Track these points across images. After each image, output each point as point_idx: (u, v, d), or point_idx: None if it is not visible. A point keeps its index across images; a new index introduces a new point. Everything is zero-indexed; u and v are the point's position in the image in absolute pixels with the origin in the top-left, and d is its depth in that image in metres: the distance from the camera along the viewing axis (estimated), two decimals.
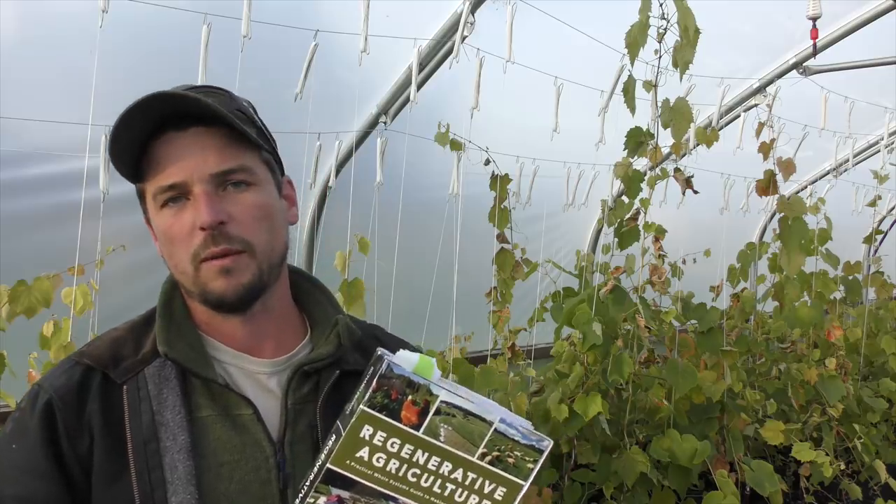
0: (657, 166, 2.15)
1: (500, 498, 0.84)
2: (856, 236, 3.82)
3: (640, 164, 2.17)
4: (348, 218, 2.38)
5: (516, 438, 0.83)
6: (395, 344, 1.09)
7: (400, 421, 0.80)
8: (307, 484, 0.81)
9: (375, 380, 0.79)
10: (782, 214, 2.45)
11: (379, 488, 0.81)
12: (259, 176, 0.91)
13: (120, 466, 0.84)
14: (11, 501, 0.82)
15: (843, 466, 2.54)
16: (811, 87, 3.92)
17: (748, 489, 2.31)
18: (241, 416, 0.89)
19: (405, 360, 0.81)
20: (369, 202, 2.64)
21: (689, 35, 1.86)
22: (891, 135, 4.09)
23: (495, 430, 0.82)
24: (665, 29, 1.96)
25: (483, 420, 0.82)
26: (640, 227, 2.17)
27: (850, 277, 3.25)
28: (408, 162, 2.76)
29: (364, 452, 0.80)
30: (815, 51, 3.47)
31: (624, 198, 2.19)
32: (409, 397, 0.80)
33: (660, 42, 1.97)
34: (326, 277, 1.57)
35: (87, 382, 0.88)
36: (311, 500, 0.80)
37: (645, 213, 2.18)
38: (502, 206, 2.45)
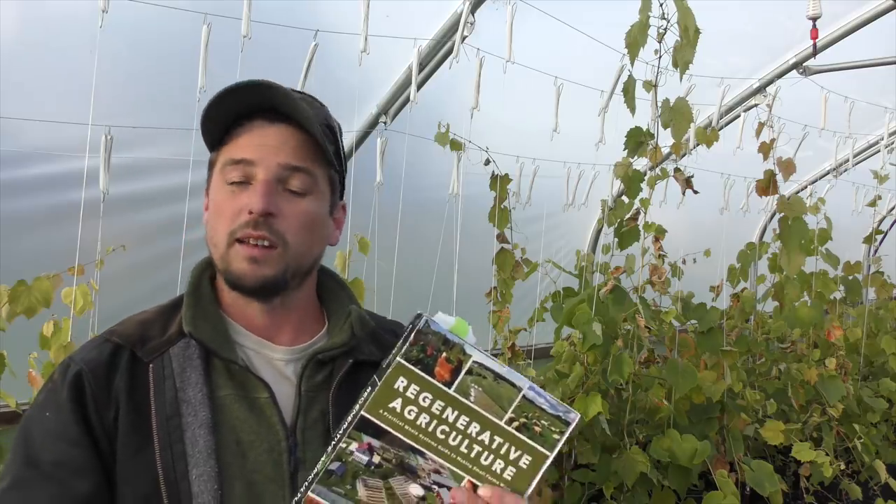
0: (657, 166, 2.15)
1: (524, 466, 0.86)
2: (856, 236, 3.82)
3: (640, 164, 2.17)
4: (348, 218, 2.37)
5: (544, 407, 0.86)
6: None
7: (433, 377, 0.83)
8: (341, 430, 0.84)
9: (413, 334, 0.83)
10: (782, 214, 2.45)
11: (408, 441, 0.84)
12: (319, 188, 0.97)
13: (144, 439, 0.88)
14: (50, 467, 0.86)
15: (843, 466, 2.54)
16: (811, 87, 3.92)
17: (748, 489, 2.31)
18: (258, 399, 0.92)
19: (442, 320, 0.85)
20: (369, 202, 2.64)
21: (689, 35, 1.86)
22: (891, 135, 4.09)
23: (524, 396, 0.85)
24: (665, 29, 1.96)
25: (513, 385, 0.85)
26: (640, 227, 2.17)
27: (850, 277, 3.25)
28: (408, 162, 2.76)
29: (397, 403, 0.83)
30: (815, 51, 3.47)
31: (624, 198, 2.19)
32: (444, 354, 0.83)
33: (660, 42, 1.97)
34: None
35: (115, 359, 0.92)
36: (344, 445, 0.83)
37: (645, 213, 2.18)
38: (502, 206, 2.45)
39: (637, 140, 2.10)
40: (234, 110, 0.93)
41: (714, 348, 2.36)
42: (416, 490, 0.85)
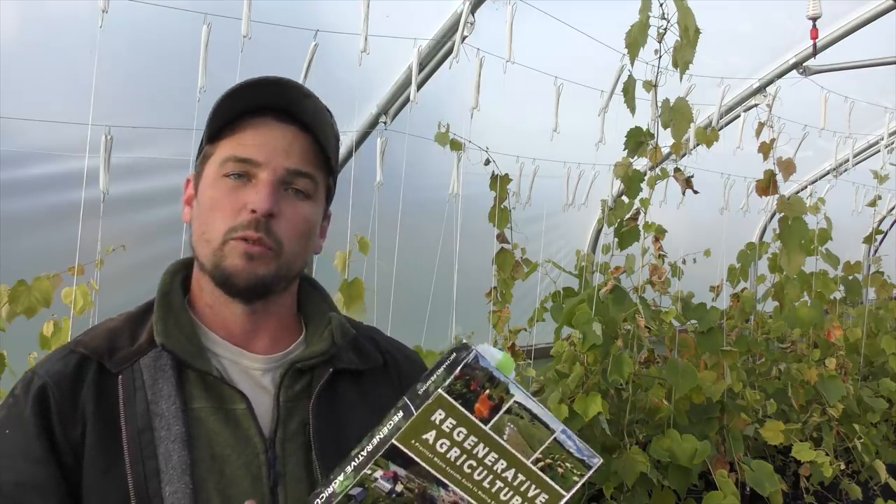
0: (657, 166, 2.15)
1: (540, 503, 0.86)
2: (856, 236, 3.82)
3: (640, 164, 2.17)
4: (348, 218, 2.37)
5: (571, 450, 0.85)
6: (394, 347, 1.10)
7: (472, 412, 0.82)
8: (364, 453, 0.82)
9: (460, 367, 0.80)
10: (782, 214, 2.45)
11: (434, 473, 0.82)
12: (319, 194, 0.96)
13: (114, 455, 0.84)
14: (11, 487, 0.81)
15: (843, 466, 2.54)
16: (811, 87, 3.92)
17: (748, 489, 2.31)
18: (234, 410, 0.89)
19: (490, 355, 0.83)
20: (369, 202, 2.64)
21: (689, 35, 1.86)
22: (891, 135, 4.09)
23: (555, 438, 0.84)
24: (665, 29, 1.96)
25: (547, 427, 0.84)
26: (640, 227, 2.17)
27: (850, 277, 3.25)
28: (408, 162, 2.76)
29: (430, 435, 0.81)
30: (815, 51, 3.47)
31: (624, 198, 2.19)
32: (487, 391, 0.81)
33: (660, 42, 1.97)
34: (326, 277, 1.58)
35: (82, 371, 0.87)
36: (369, 472, 0.81)
37: (645, 213, 2.18)
38: (502, 206, 2.45)
39: (637, 140, 2.10)
40: (248, 105, 0.91)
41: (714, 348, 2.36)
42: None
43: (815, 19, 3.16)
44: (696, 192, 2.26)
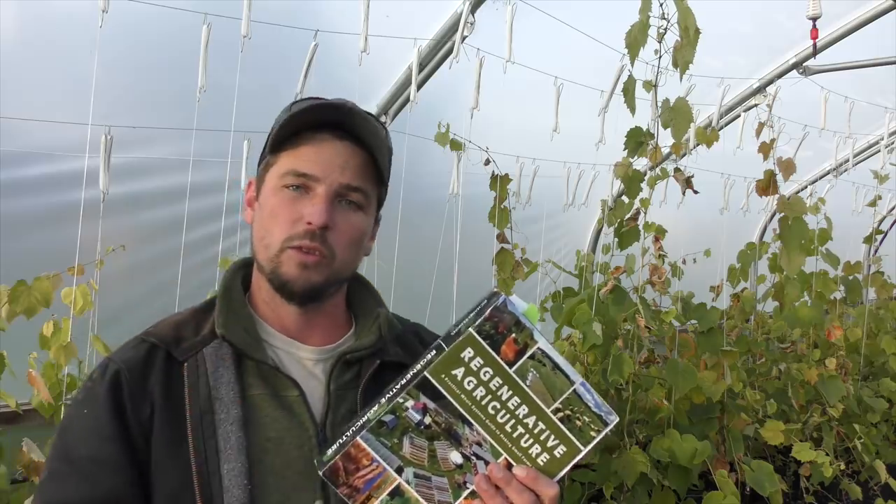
0: (657, 166, 2.15)
1: (558, 455, 0.90)
2: (856, 236, 3.82)
3: (640, 164, 2.17)
4: None
5: (589, 404, 0.89)
6: (435, 339, 1.14)
7: (499, 354, 0.87)
8: (398, 386, 0.87)
9: (490, 310, 0.87)
10: (782, 214, 2.45)
11: (461, 409, 0.88)
12: (371, 206, 1.03)
13: (179, 435, 0.91)
14: (85, 462, 0.89)
15: (843, 466, 2.54)
16: (811, 87, 3.92)
17: (748, 489, 2.31)
18: (288, 398, 0.96)
19: (518, 303, 0.89)
20: None
21: (690, 35, 1.86)
22: (891, 135, 4.09)
23: (574, 390, 0.89)
24: (665, 29, 1.96)
25: (567, 378, 0.89)
26: (640, 227, 2.17)
27: (850, 277, 3.25)
28: (408, 162, 2.76)
29: (459, 371, 0.87)
30: (815, 51, 3.47)
31: (624, 198, 2.19)
32: (513, 335, 0.87)
33: (660, 42, 1.97)
34: None
35: (151, 358, 0.95)
36: (401, 400, 0.87)
37: (645, 213, 2.17)
38: (502, 206, 2.45)
39: (637, 140, 2.10)
40: (309, 121, 0.98)
41: (714, 348, 2.36)
42: (456, 457, 0.88)
43: (815, 19, 3.16)
44: (696, 192, 2.26)
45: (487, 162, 2.47)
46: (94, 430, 0.91)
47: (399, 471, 0.87)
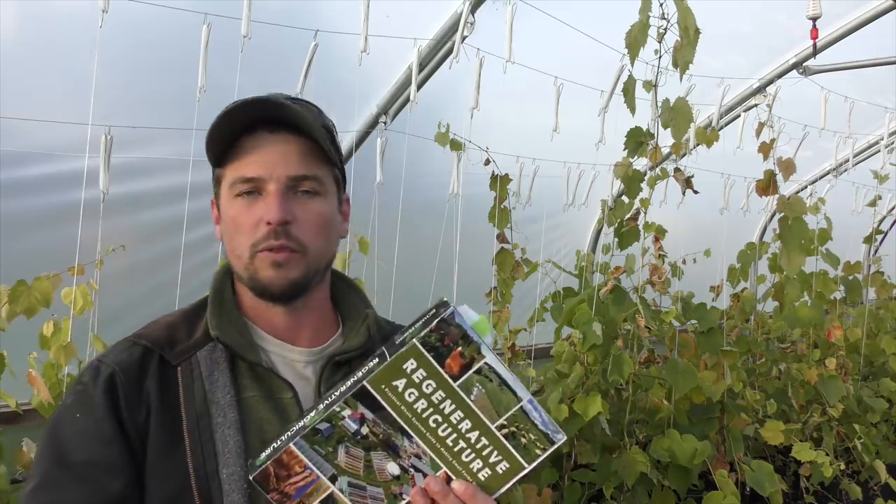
0: (657, 166, 2.15)
1: (500, 472, 0.88)
2: (856, 236, 3.82)
3: (640, 164, 2.17)
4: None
5: (536, 422, 0.87)
6: None
7: (443, 367, 0.85)
8: (337, 394, 0.85)
9: (436, 321, 0.84)
10: (782, 214, 2.45)
11: (400, 421, 0.86)
12: (327, 188, 1.01)
13: (175, 439, 0.91)
14: (82, 466, 0.89)
15: (843, 466, 2.54)
16: (811, 87, 3.92)
17: (748, 489, 2.31)
18: (282, 399, 0.97)
19: (467, 315, 0.86)
20: (369, 202, 2.64)
21: (689, 35, 1.86)
22: (891, 135, 4.09)
23: (521, 407, 0.87)
24: (665, 29, 1.96)
25: (514, 394, 0.87)
26: (640, 227, 2.17)
27: (850, 277, 3.25)
28: (408, 162, 2.76)
29: (400, 383, 0.85)
30: (815, 51, 3.47)
31: (624, 198, 2.19)
32: (459, 348, 0.85)
33: (660, 42, 1.97)
34: None
35: (145, 361, 0.95)
36: (338, 409, 0.85)
37: (645, 213, 2.18)
38: (502, 206, 2.45)
39: (637, 140, 2.10)
40: (237, 128, 0.96)
41: (714, 348, 2.36)
42: (393, 469, 0.86)
43: (815, 19, 3.16)
44: (696, 192, 2.26)
45: (487, 162, 2.47)
46: (90, 434, 0.90)
47: (333, 479, 0.85)
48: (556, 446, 0.87)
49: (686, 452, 2.06)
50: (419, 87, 2.54)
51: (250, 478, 0.86)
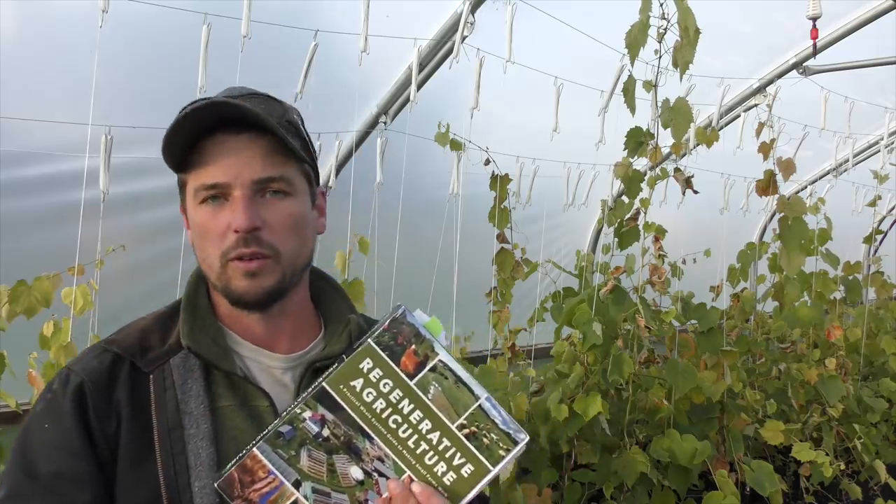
0: (657, 166, 2.15)
1: (465, 475, 0.86)
2: (856, 236, 3.82)
3: (640, 164, 2.17)
4: (348, 218, 2.38)
5: (496, 421, 0.87)
6: None
7: (398, 365, 0.86)
8: (301, 398, 0.87)
9: (388, 321, 0.87)
10: (782, 214, 2.45)
11: (360, 422, 0.86)
12: (297, 187, 0.96)
13: (146, 450, 0.88)
14: (49, 478, 0.86)
15: (843, 466, 2.54)
16: (811, 87, 3.92)
17: (748, 489, 2.31)
18: (257, 407, 0.93)
19: (420, 316, 0.88)
20: (369, 202, 2.64)
21: (690, 35, 1.86)
22: (891, 135, 4.09)
23: (480, 405, 0.87)
24: (665, 29, 1.96)
25: (471, 392, 0.87)
26: (640, 227, 2.17)
27: (850, 277, 3.25)
28: (408, 162, 2.76)
29: (358, 383, 0.86)
30: (815, 51, 3.47)
31: (624, 198, 2.19)
32: (413, 346, 0.87)
33: (660, 42, 1.97)
34: None
35: (116, 369, 0.92)
36: (299, 412, 0.86)
37: (645, 213, 2.18)
38: (502, 206, 2.45)
39: (637, 140, 2.10)
40: (194, 131, 0.91)
41: (714, 348, 2.36)
42: (356, 473, 0.86)
43: (815, 19, 3.16)
44: (696, 192, 2.26)
45: (487, 162, 2.47)
46: (58, 445, 0.87)
47: (297, 485, 0.84)
48: (519, 447, 0.87)
49: (686, 452, 2.06)
50: (419, 87, 2.55)
51: (215, 485, 0.84)
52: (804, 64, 3.87)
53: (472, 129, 2.47)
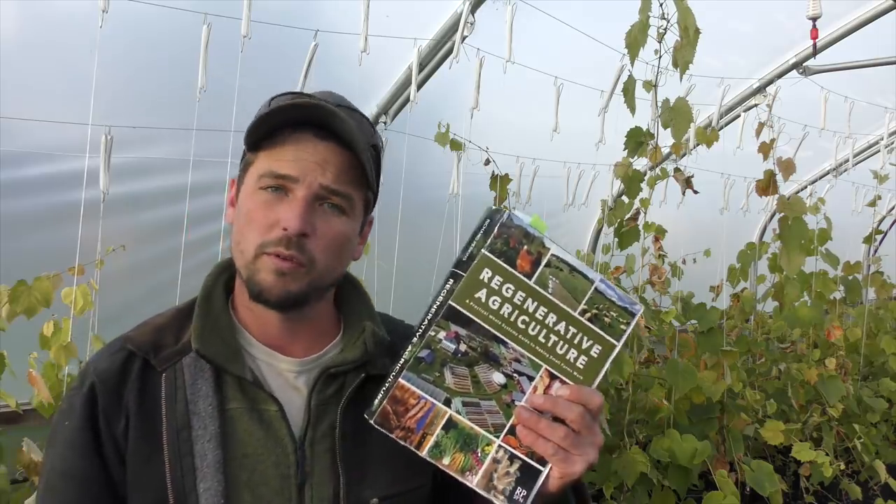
0: (657, 166, 2.15)
1: (595, 355, 0.90)
2: (856, 236, 3.82)
3: (640, 164, 2.17)
4: None
5: (613, 299, 0.90)
6: None
7: (515, 268, 0.88)
8: (426, 321, 0.88)
9: (497, 227, 0.88)
10: (782, 214, 2.45)
11: (492, 330, 0.88)
12: (355, 209, 0.96)
13: (153, 449, 0.89)
14: (56, 475, 0.89)
15: (843, 466, 2.55)
16: (811, 87, 3.92)
17: (748, 489, 2.31)
18: (267, 412, 0.93)
19: (522, 215, 0.90)
20: None
21: (689, 35, 1.86)
22: (891, 135, 4.09)
23: (595, 288, 0.90)
24: (665, 29, 1.96)
25: (586, 277, 0.89)
26: (640, 227, 2.17)
27: (850, 277, 3.25)
28: (408, 162, 2.76)
29: (482, 294, 0.88)
30: (815, 51, 3.47)
31: (624, 198, 2.19)
32: (525, 247, 0.88)
33: (660, 42, 1.97)
34: None
35: (127, 367, 0.92)
36: (433, 333, 0.88)
37: (645, 213, 2.18)
38: (502, 206, 2.45)
39: (637, 140, 2.10)
40: (289, 122, 0.92)
41: (714, 348, 2.36)
42: (498, 378, 0.88)
43: (815, 19, 3.16)
44: (696, 192, 2.26)
45: (487, 162, 2.47)
46: (70, 444, 0.89)
47: (447, 403, 0.87)
48: (636, 317, 0.90)
49: (686, 452, 2.06)
50: (419, 87, 2.55)
51: (371, 422, 0.86)
52: (804, 64, 3.87)
53: (472, 128, 2.47)
